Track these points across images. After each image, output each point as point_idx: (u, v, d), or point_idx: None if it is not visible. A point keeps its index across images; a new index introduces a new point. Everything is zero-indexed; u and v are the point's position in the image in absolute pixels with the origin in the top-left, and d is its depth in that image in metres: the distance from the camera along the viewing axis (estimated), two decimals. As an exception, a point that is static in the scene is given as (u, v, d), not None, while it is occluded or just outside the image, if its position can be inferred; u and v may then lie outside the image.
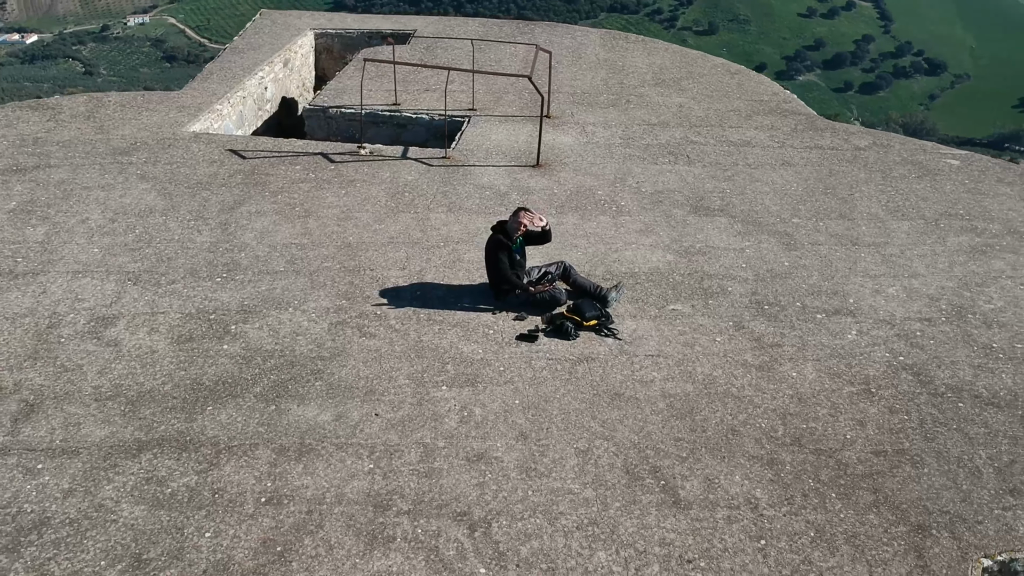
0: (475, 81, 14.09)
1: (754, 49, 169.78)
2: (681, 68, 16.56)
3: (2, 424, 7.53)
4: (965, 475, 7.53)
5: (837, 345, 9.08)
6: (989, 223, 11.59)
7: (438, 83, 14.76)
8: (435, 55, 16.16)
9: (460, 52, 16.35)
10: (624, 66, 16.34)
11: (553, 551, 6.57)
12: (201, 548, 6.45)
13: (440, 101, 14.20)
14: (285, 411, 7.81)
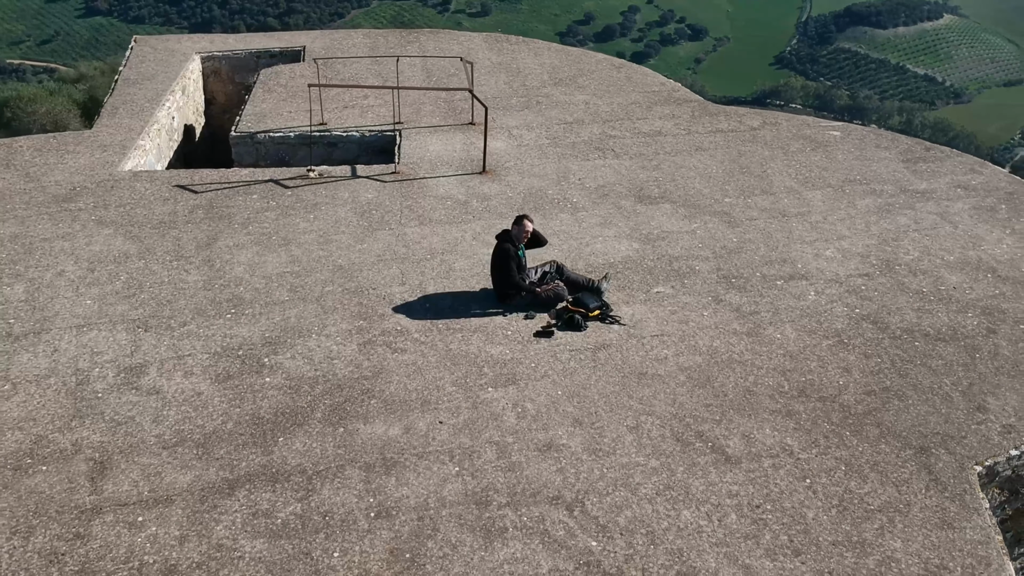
0: (395, 96, 14.55)
1: (528, 27, 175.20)
2: (571, 66, 17.63)
3: (81, 485, 7.56)
4: (940, 401, 9.00)
5: (803, 306, 10.41)
6: (884, 185, 13.35)
7: (355, 100, 15.10)
8: (336, 71, 16.44)
9: (359, 67, 16.69)
10: (519, 68, 17.22)
11: (645, 517, 7.45)
12: (337, 568, 6.88)
13: (362, 117, 14.59)
14: (354, 431, 8.24)
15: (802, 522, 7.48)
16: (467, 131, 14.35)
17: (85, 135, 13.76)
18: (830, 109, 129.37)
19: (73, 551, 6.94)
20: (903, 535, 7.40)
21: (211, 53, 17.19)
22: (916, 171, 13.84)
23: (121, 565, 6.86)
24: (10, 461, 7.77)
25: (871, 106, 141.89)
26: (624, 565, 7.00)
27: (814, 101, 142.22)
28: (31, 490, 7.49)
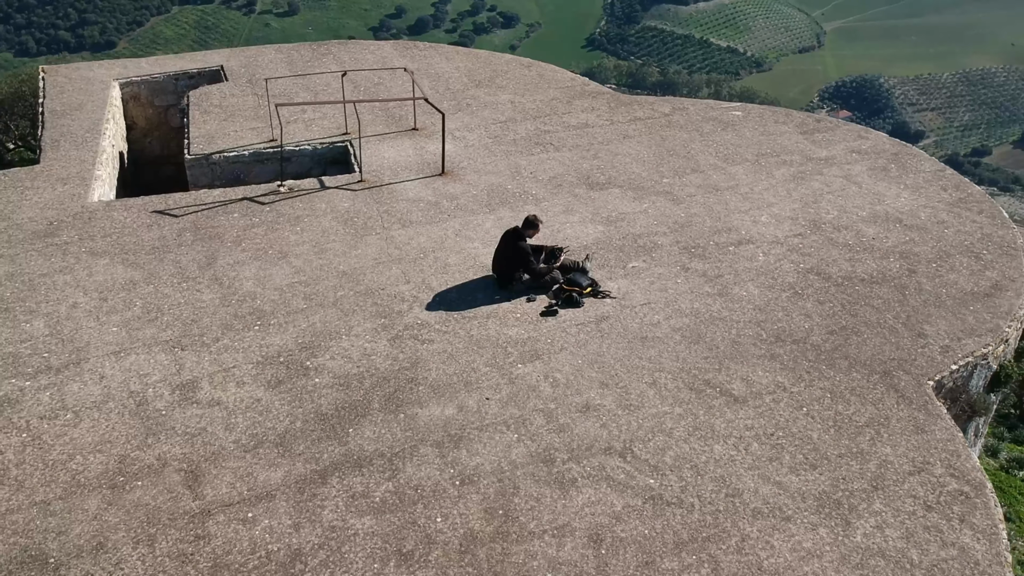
0: (345, 109, 15.24)
1: (339, 24, 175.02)
2: (484, 68, 18.72)
3: (182, 493, 8.18)
4: (888, 333, 10.74)
5: (756, 266, 11.99)
6: (791, 155, 15.18)
7: (295, 115, 15.68)
8: (264, 87, 16.91)
9: (288, 83, 17.20)
10: (438, 74, 18.17)
11: (686, 454, 8.76)
12: (444, 531, 7.85)
13: (308, 131, 15.21)
14: (413, 415, 9.16)
15: (810, 442, 8.98)
16: (413, 137, 15.23)
17: (36, 170, 13.79)
18: (643, 86, 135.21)
19: (200, 550, 7.59)
20: (890, 442, 9.01)
21: (129, 79, 17.27)
22: (814, 141, 15.77)
23: (249, 556, 7.57)
24: (103, 481, 8.26)
25: (681, 80, 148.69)
26: (682, 495, 8.28)
27: (627, 80, 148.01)
28: (135, 504, 8.04)
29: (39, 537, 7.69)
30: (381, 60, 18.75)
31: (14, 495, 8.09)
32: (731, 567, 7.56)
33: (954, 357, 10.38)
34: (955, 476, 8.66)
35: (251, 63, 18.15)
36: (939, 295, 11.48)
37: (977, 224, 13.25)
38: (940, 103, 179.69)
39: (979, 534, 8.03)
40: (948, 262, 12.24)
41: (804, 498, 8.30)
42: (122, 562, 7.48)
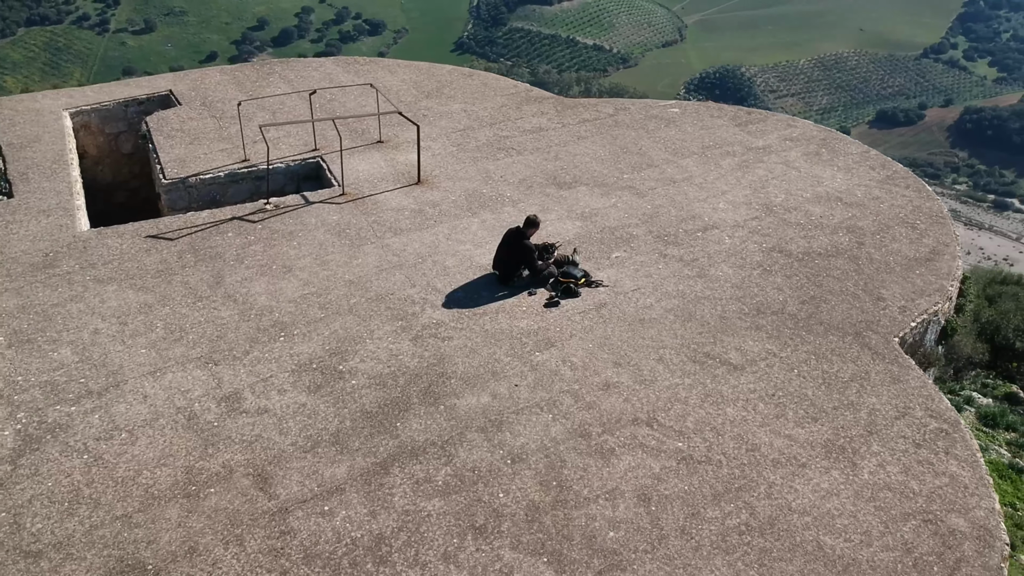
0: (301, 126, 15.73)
1: (199, 39, 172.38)
2: (429, 80, 19.44)
3: (255, 496, 8.72)
4: (852, 299, 12.04)
5: (725, 249, 13.16)
6: (732, 146, 16.48)
7: (257, 135, 16.07)
8: (221, 111, 17.21)
9: (246, 104, 17.53)
10: (386, 87, 18.79)
11: (704, 419, 9.80)
12: (508, 504, 8.66)
13: (276, 150, 15.66)
14: (452, 406, 9.91)
15: (807, 399, 10.14)
16: (380, 149, 15.87)
17: (13, 204, 13.84)
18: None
19: (288, 544, 8.18)
20: (874, 393, 10.26)
21: (80, 108, 17.30)
22: (750, 132, 17.13)
23: (336, 544, 8.21)
24: (177, 492, 8.73)
25: (551, 80, 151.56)
26: (709, 453, 9.30)
27: None
28: (214, 509, 8.55)
29: (131, 548, 8.12)
30: (326, 76, 19.24)
31: (94, 512, 8.47)
32: (765, 510, 8.60)
33: (912, 315, 11.74)
34: (933, 417, 9.95)
35: (199, 86, 18.38)
36: (888, 262, 12.88)
37: (907, 198, 14.78)
38: (799, 88, 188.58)
39: (963, 463, 9.31)
40: (889, 233, 13.67)
41: (813, 447, 9.43)
42: (217, 562, 7.99)
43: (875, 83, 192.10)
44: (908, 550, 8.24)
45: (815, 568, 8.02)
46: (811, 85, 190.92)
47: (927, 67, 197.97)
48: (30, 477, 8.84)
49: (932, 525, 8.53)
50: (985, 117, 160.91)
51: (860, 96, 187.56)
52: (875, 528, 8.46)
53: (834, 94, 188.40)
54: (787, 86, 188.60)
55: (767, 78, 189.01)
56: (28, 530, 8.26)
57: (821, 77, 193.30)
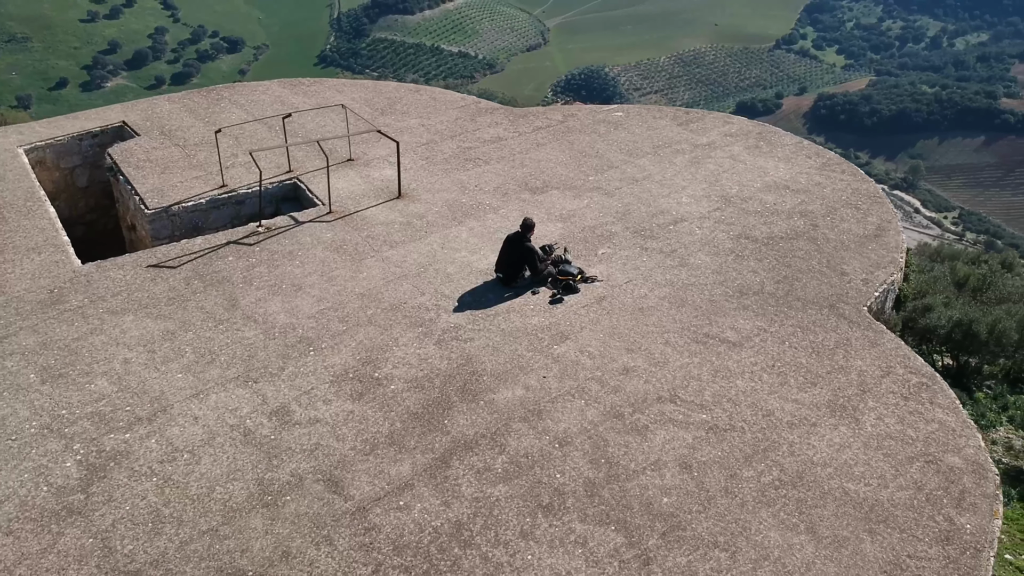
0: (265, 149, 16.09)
1: (46, 66, 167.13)
2: (379, 97, 20.01)
3: (331, 499, 9.29)
4: (820, 276, 13.34)
5: (698, 239, 14.29)
6: (680, 144, 17.70)
7: (228, 160, 16.39)
8: (183, 139, 17.38)
9: (196, 131, 17.73)
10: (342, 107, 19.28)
11: (719, 391, 10.85)
12: (567, 483, 9.49)
13: (250, 174, 16.01)
14: (491, 401, 10.67)
15: (803, 367, 11.32)
16: (353, 167, 16.40)
17: (-4, 244, 13.83)
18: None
19: (376, 539, 8.80)
20: (858, 356, 11.52)
21: (34, 144, 17.20)
22: (692, 130, 18.40)
23: (420, 534, 8.87)
24: (255, 503, 9.21)
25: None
26: (731, 421, 10.35)
27: None
28: (296, 514, 9.07)
29: (226, 558, 8.58)
30: (276, 99, 19.59)
31: (179, 529, 8.88)
32: (792, 466, 9.69)
33: (874, 286, 13.11)
34: (913, 373, 11.27)
35: (151, 116, 18.47)
36: (843, 241, 14.26)
37: (845, 182, 16.27)
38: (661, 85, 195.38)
39: (947, 410, 10.64)
40: (837, 214, 15.09)
41: (818, 408, 10.59)
42: (313, 562, 8.54)
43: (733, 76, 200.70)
44: (919, 488, 9.45)
45: (847, 511, 9.13)
46: (673, 81, 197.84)
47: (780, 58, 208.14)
48: (106, 503, 9.15)
49: (934, 465, 9.77)
50: (837, 103, 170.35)
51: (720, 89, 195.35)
52: (887, 472, 9.65)
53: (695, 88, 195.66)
54: (650, 83, 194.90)
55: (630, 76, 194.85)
56: (120, 552, 8.61)
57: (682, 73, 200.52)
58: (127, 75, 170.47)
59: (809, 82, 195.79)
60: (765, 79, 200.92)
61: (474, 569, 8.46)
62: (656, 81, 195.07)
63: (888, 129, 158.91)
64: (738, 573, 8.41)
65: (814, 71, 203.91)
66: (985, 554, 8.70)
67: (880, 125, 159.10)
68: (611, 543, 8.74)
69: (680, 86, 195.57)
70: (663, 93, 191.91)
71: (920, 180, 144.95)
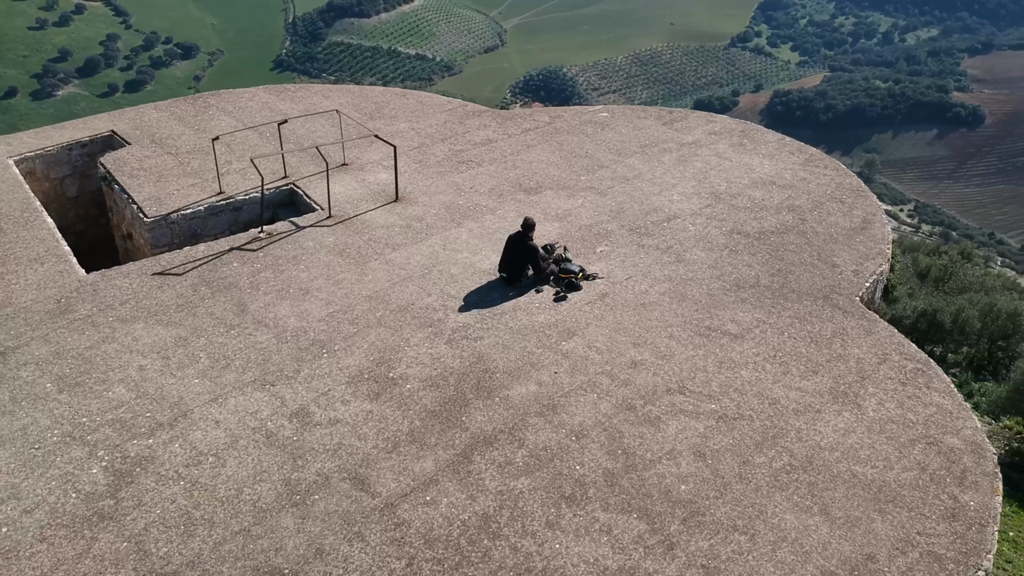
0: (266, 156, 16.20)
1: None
2: (367, 102, 20.16)
3: (358, 496, 9.50)
4: (812, 268, 13.77)
5: (692, 235, 14.67)
6: (666, 143, 18.09)
7: (224, 166, 16.48)
8: (175, 147, 17.41)
9: (186, 139, 17.79)
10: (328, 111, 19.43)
11: (726, 381, 11.22)
12: (588, 474, 9.79)
13: (245, 180, 16.13)
14: (506, 397, 10.94)
15: (804, 356, 11.72)
16: (348, 172, 16.58)
17: (-3, 256, 13.84)
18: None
19: (407, 534, 9.04)
20: (855, 344, 11.95)
21: (24, 155, 17.17)
22: (677, 129, 18.80)
23: (450, 528, 9.12)
24: (284, 502, 9.40)
25: None
26: (739, 409, 10.71)
27: None
28: (326, 512, 9.28)
29: (261, 557, 8.77)
30: (264, 105, 19.68)
31: (213, 531, 9.05)
32: (801, 451, 10.07)
33: (864, 277, 13.56)
34: (908, 359, 11.72)
35: (140, 124, 18.49)
36: (831, 234, 14.71)
37: (829, 176, 16.76)
38: (619, 85, 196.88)
39: (943, 394, 11.10)
40: (824, 208, 15.55)
41: (821, 395, 10.99)
42: (347, 558, 8.76)
43: (690, 74, 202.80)
44: (923, 468, 9.88)
45: (856, 492, 9.52)
46: (630, 80, 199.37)
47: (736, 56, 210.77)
48: (136, 507, 9.29)
49: (935, 446, 10.21)
50: (793, 99, 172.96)
51: (677, 88, 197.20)
52: (892, 454, 10.07)
53: (653, 87, 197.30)
54: (608, 83, 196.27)
55: (588, 76, 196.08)
56: (156, 554, 8.76)
57: (639, 72, 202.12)
58: (79, 83, 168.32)
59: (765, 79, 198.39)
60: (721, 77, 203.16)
61: (504, 559, 8.73)
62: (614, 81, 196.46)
63: (843, 124, 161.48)
64: (759, 555, 8.76)
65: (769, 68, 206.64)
66: (989, 529, 9.14)
67: (835, 120, 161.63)
68: (634, 530, 9.05)
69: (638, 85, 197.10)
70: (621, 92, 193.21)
71: (876, 174, 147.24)
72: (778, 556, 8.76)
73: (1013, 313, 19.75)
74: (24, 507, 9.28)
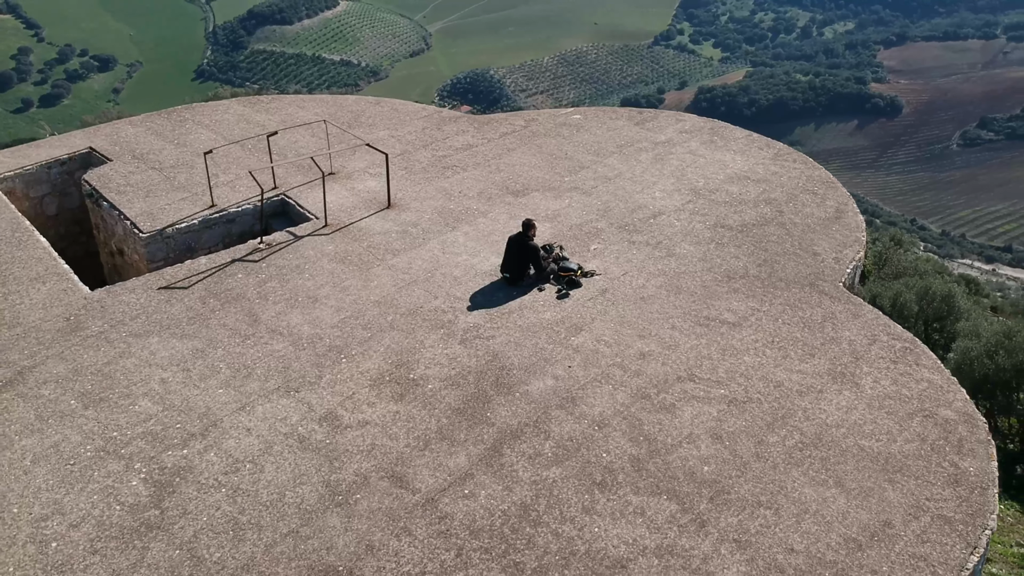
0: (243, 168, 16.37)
1: None
2: (341, 112, 20.37)
3: (400, 493, 9.86)
4: (795, 257, 14.48)
5: (678, 230, 15.29)
6: (641, 143, 18.70)
7: (213, 179, 16.61)
8: (158, 161, 17.43)
9: (168, 153, 17.85)
10: (302, 121, 19.62)
11: (731, 367, 11.83)
12: (615, 460, 10.30)
13: (235, 192, 16.30)
14: (526, 392, 11.39)
15: (800, 340, 12.39)
16: (336, 180, 16.83)
17: (-5, 276, 13.82)
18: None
19: (452, 527, 9.42)
20: (846, 327, 12.66)
21: (3, 175, 17.06)
22: (649, 128, 19.44)
23: (492, 518, 9.54)
24: (328, 503, 9.72)
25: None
26: (747, 392, 11.33)
27: None
28: (370, 510, 9.62)
29: (314, 556, 9.08)
30: (240, 117, 19.80)
31: (262, 534, 9.33)
32: (810, 428, 10.72)
33: (845, 264, 14.32)
34: (896, 339, 12.47)
35: (118, 140, 18.47)
36: (808, 224, 15.46)
37: (799, 169, 17.54)
38: (547, 86, 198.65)
39: (932, 370, 11.85)
40: (798, 200, 16.31)
41: (821, 376, 11.66)
42: (399, 552, 9.12)
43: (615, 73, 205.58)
44: (923, 439, 10.59)
45: (866, 464, 10.19)
46: (557, 81, 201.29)
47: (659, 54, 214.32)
48: (183, 516, 9.52)
49: (931, 418, 10.94)
50: (717, 95, 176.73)
51: (604, 87, 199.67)
52: (893, 428, 10.77)
53: (580, 87, 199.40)
54: (535, 84, 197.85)
55: (516, 78, 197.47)
56: (210, 560, 9.01)
57: (566, 72, 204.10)
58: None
59: (689, 76, 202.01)
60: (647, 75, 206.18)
61: (548, 545, 9.17)
62: (541, 81, 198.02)
63: (766, 118, 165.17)
64: (785, 527, 9.35)
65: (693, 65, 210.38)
66: (991, 491, 9.87)
67: (759, 115, 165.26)
68: (666, 511, 9.57)
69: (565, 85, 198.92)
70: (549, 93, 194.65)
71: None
72: (803, 527, 9.35)
73: (947, 295, 20.91)
74: (70, 521, 9.43)
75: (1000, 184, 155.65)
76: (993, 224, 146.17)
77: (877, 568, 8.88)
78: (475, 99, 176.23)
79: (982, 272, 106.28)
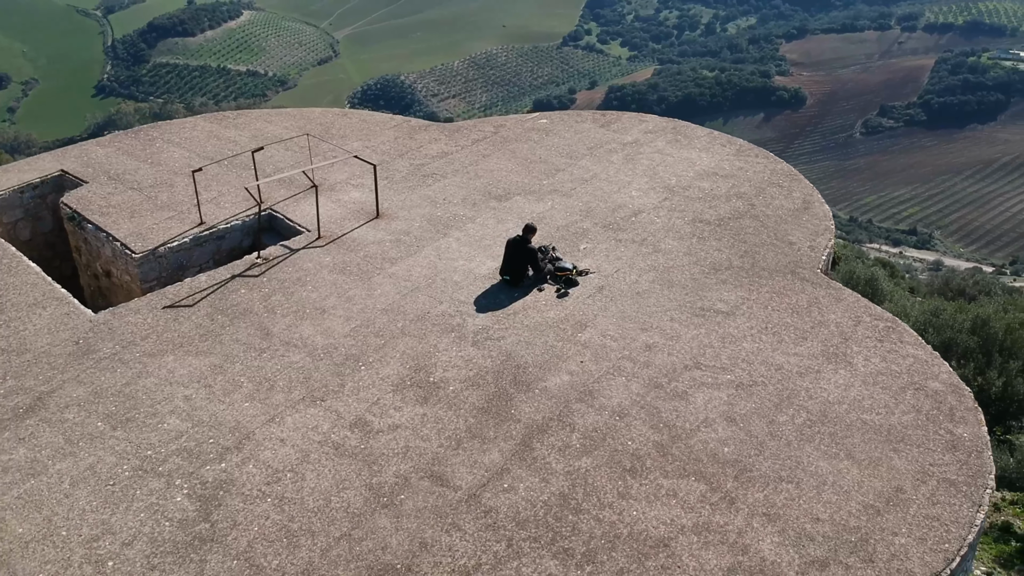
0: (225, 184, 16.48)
1: None
2: (310, 125, 20.52)
3: (441, 491, 10.27)
4: (773, 247, 15.29)
5: (660, 227, 15.97)
6: (610, 144, 19.36)
7: (192, 198, 16.68)
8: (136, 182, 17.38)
9: (144, 172, 17.82)
10: (278, 136, 19.74)
11: (735, 354, 12.53)
12: (641, 446, 10.88)
13: (220, 209, 16.42)
14: (544, 389, 11.89)
15: (791, 325, 13.17)
16: (321, 193, 17.00)
17: (-10, 304, 13.72)
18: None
19: (499, 520, 9.86)
20: (832, 311, 13.49)
21: (-26, 201, 16.84)
22: (615, 130, 20.12)
23: (536, 509, 10.01)
24: (374, 505, 10.06)
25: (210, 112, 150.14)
26: (751, 375, 12.03)
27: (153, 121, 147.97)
28: (416, 508, 10.00)
29: (371, 557, 9.43)
30: (210, 134, 19.81)
31: (316, 539, 9.63)
32: (815, 406, 11.46)
33: (819, 251, 15.17)
34: (879, 320, 13.33)
35: (89, 162, 18.34)
36: (780, 215, 16.31)
37: (762, 164, 18.42)
38: (458, 89, 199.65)
39: (916, 347, 12.74)
40: (767, 193, 17.16)
41: (815, 357, 12.44)
42: (452, 547, 9.53)
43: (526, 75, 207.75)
44: (918, 411, 11.43)
45: (871, 436, 10.97)
46: (469, 84, 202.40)
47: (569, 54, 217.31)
48: (234, 527, 9.75)
49: (922, 391, 11.80)
50: (627, 93, 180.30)
51: (515, 89, 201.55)
52: (889, 401, 11.58)
53: (492, 90, 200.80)
54: (447, 88, 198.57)
55: (427, 83, 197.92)
56: (268, 568, 9.28)
57: (477, 76, 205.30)
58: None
59: (599, 76, 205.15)
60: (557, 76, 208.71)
61: (592, 530, 9.69)
62: (453, 85, 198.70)
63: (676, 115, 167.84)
64: (808, 499, 10.04)
65: (602, 65, 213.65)
66: (986, 454, 10.73)
67: (669, 112, 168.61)
68: (696, 491, 10.18)
69: (477, 88, 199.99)
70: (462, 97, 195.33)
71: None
72: (824, 497, 10.06)
73: (871, 279, 22.21)
74: (122, 540, 9.58)
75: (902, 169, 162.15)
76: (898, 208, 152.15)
77: (897, 530, 9.63)
78: (387, 105, 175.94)
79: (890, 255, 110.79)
